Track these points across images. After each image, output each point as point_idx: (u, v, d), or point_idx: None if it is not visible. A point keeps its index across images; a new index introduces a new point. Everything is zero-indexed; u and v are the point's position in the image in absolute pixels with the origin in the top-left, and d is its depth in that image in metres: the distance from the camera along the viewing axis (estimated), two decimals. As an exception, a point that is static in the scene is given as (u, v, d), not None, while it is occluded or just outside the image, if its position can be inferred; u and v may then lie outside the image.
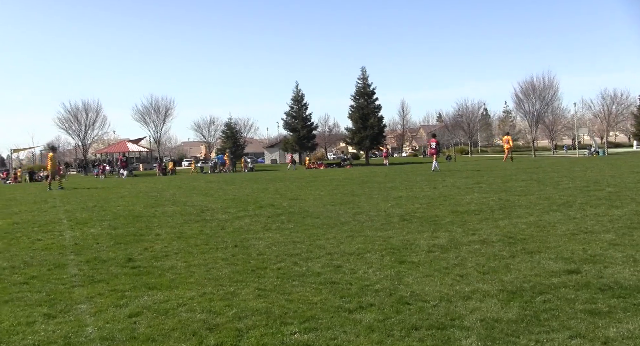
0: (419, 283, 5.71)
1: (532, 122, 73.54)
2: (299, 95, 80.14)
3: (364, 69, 76.81)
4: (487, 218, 9.89)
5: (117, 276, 6.54)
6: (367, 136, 73.75)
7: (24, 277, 6.64)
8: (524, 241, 7.67)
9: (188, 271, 6.64)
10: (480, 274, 5.97)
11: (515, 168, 27.97)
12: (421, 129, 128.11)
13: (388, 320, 4.58)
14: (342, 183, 21.97)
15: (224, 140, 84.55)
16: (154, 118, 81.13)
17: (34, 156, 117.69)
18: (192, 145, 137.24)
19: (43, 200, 19.14)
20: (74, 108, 78.70)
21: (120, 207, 14.85)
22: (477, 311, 4.71)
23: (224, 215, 12.13)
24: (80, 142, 79.97)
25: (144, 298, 5.51)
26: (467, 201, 12.73)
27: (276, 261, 7.03)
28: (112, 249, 8.38)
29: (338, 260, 6.96)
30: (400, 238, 8.34)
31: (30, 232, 10.52)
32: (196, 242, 8.70)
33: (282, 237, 8.91)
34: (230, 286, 5.84)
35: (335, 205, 13.27)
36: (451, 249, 7.35)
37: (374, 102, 76.52)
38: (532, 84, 72.87)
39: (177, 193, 20.00)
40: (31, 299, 5.63)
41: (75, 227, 11.02)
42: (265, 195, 17.37)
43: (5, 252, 8.43)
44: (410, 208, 11.92)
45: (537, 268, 6.13)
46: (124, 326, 4.65)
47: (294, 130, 79.22)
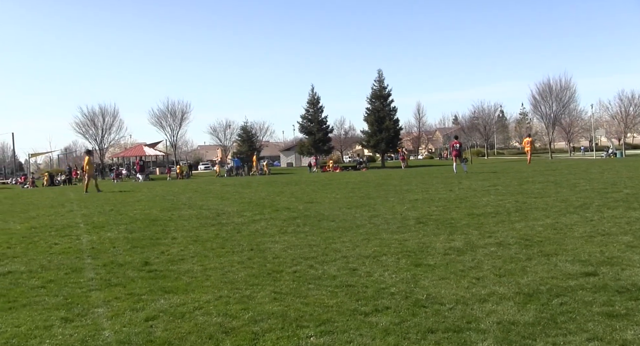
0: (435, 285, 5.69)
1: (548, 123, 73.11)
2: (314, 98, 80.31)
3: (380, 71, 76.94)
4: (503, 221, 9.83)
5: (134, 280, 6.58)
6: (383, 139, 73.74)
7: (42, 281, 6.70)
8: (541, 243, 7.61)
9: (204, 275, 6.67)
10: (496, 277, 5.94)
11: (531, 170, 27.78)
12: (437, 132, 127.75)
13: (404, 323, 4.56)
14: (358, 186, 21.94)
15: (239, 144, 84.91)
16: (170, 122, 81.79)
17: (52, 160, 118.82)
18: (208, 148, 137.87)
19: (60, 204, 19.30)
20: (91, 113, 79.51)
21: (137, 211, 14.94)
22: (494, 314, 4.69)
23: (239, 218, 12.17)
24: (97, 146, 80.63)
25: (161, 301, 5.54)
26: (483, 203, 12.66)
27: (292, 265, 7.04)
28: (129, 253, 8.43)
29: (354, 263, 6.95)
30: (416, 240, 8.32)
31: (48, 236, 10.62)
32: (212, 246, 8.73)
33: (297, 240, 8.92)
34: (246, 290, 5.86)
35: (351, 208, 13.26)
36: (467, 252, 7.31)
37: (390, 104, 76.53)
38: (549, 85, 72.52)
39: (193, 196, 20.08)
40: (49, 303, 5.68)
41: (92, 231, 11.10)
42: (281, 198, 17.38)
43: (23, 256, 8.51)
44: (426, 210, 11.88)
45: (554, 270, 6.09)
46: (141, 329, 4.68)
47: (309, 133, 79.36)
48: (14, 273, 7.22)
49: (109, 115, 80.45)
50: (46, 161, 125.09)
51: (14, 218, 14.49)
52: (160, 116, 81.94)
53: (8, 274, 7.20)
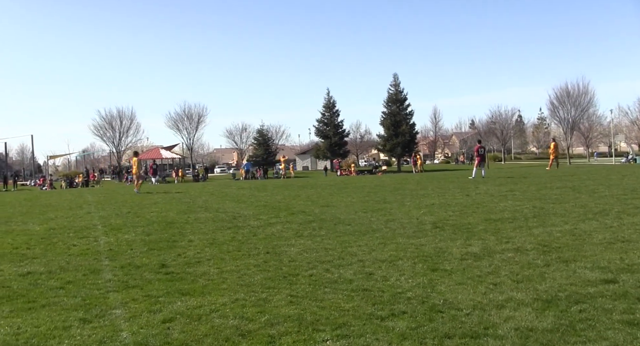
0: (451, 291, 5.67)
1: (567, 129, 72.55)
2: (330, 102, 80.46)
3: (395, 75, 76.94)
4: (521, 226, 9.76)
5: (151, 282, 6.62)
6: (399, 143, 73.64)
7: (61, 282, 6.76)
8: (559, 249, 7.55)
9: (220, 278, 6.69)
10: (514, 282, 5.90)
11: (549, 175, 27.57)
12: (453, 136, 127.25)
13: (421, 328, 4.55)
14: (374, 190, 21.91)
15: (255, 147, 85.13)
16: (186, 126, 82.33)
17: (70, 162, 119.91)
18: (224, 151, 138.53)
19: (78, 206, 19.47)
20: (108, 116, 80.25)
21: (154, 214, 15.02)
22: (511, 320, 4.65)
23: (255, 221, 12.19)
24: (115, 149, 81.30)
25: (178, 303, 5.56)
26: (500, 208, 12.59)
27: (308, 268, 7.04)
28: (146, 255, 8.48)
29: (370, 267, 6.94)
30: (433, 245, 8.29)
31: (66, 238, 10.71)
32: (228, 249, 8.76)
33: (313, 243, 8.92)
34: (263, 293, 5.87)
35: (367, 212, 13.24)
36: (484, 257, 7.27)
37: (406, 108, 76.44)
38: (567, 90, 71.97)
39: (210, 199, 20.16)
40: (67, 304, 5.73)
41: (109, 233, 11.18)
42: (296, 201, 17.40)
43: (42, 257, 8.60)
44: (443, 215, 11.83)
45: (572, 277, 6.03)
46: (158, 331, 4.70)
47: (325, 137, 79.48)
48: (33, 274, 7.30)
49: (127, 118, 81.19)
50: (64, 163, 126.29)
51: (33, 220, 14.65)
52: (177, 119, 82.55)
53: (28, 275, 7.28)
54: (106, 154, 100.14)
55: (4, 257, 8.73)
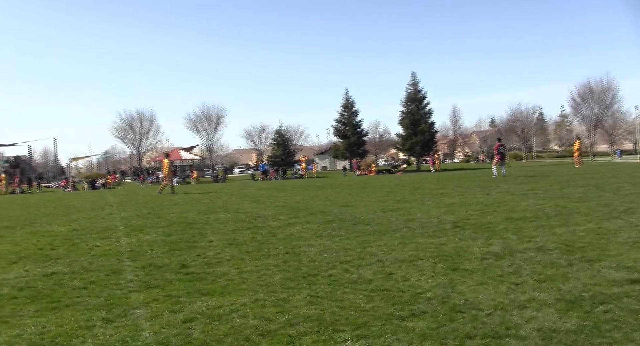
0: (472, 291, 5.61)
1: (590, 126, 71.77)
2: (349, 101, 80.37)
3: (414, 74, 76.77)
4: (543, 225, 9.65)
5: (172, 282, 6.64)
6: (418, 142, 73.34)
7: (83, 282, 6.82)
8: (583, 249, 7.44)
9: (240, 278, 6.70)
10: (536, 282, 5.83)
11: (572, 173, 27.29)
12: (473, 134, 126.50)
13: (441, 328, 4.51)
14: (393, 189, 21.84)
15: (274, 148, 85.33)
16: (205, 127, 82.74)
17: (92, 164, 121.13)
18: (243, 152, 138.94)
19: (100, 207, 19.66)
20: (129, 118, 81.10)
21: (174, 214, 15.11)
22: (534, 320, 4.60)
23: (275, 222, 12.21)
24: (135, 151, 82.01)
25: (198, 303, 5.58)
26: (522, 207, 12.46)
27: (327, 268, 7.02)
28: (167, 255, 8.52)
29: (389, 267, 6.90)
30: (453, 245, 8.22)
31: (89, 238, 10.81)
32: (248, 249, 8.77)
33: (333, 243, 8.91)
34: (282, 293, 5.86)
35: (386, 211, 13.19)
36: (506, 256, 7.20)
37: (425, 107, 76.12)
38: (590, 87, 71.15)
39: (229, 200, 20.23)
40: (90, 303, 5.78)
41: (131, 234, 11.26)
42: (315, 202, 17.40)
43: (66, 258, 8.68)
44: (463, 214, 11.75)
45: (597, 277, 5.94)
46: (179, 331, 4.72)
47: (344, 136, 79.39)
48: (57, 274, 7.37)
49: (147, 120, 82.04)
50: (86, 165, 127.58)
51: (57, 221, 14.82)
52: (196, 120, 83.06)
53: (52, 275, 7.35)
54: (127, 156, 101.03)
55: (28, 258, 8.83)
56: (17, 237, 11.59)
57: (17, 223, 14.67)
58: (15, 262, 8.51)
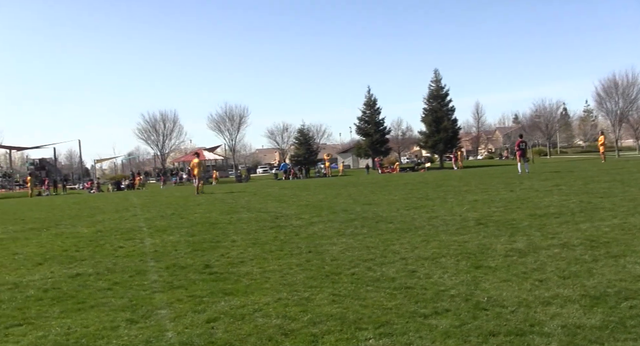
0: (496, 288, 5.58)
1: (614, 121, 70.79)
2: (371, 99, 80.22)
3: (436, 71, 76.33)
4: (567, 221, 9.55)
5: (195, 282, 6.70)
6: (441, 139, 73.01)
7: (108, 283, 6.90)
8: (608, 244, 7.36)
9: (263, 277, 6.73)
10: (560, 279, 5.78)
11: (597, 169, 26.95)
12: (497, 131, 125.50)
13: (464, 325, 4.49)
14: (416, 187, 21.77)
15: (297, 147, 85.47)
16: (228, 127, 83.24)
17: (116, 166, 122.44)
18: (266, 152, 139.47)
19: (124, 209, 19.87)
20: (152, 119, 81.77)
21: (197, 215, 15.22)
22: (558, 317, 4.56)
23: (297, 221, 12.24)
24: (159, 152, 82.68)
25: (221, 303, 5.62)
26: (546, 204, 12.34)
27: (350, 267, 7.03)
28: (190, 256, 8.59)
29: (412, 265, 6.89)
30: (476, 242, 8.18)
31: (113, 240, 10.94)
32: (271, 248, 8.81)
33: (355, 242, 8.91)
34: (305, 292, 5.88)
35: (409, 209, 13.15)
36: (529, 253, 7.14)
37: (448, 104, 75.74)
38: (615, 81, 70.16)
39: (252, 200, 20.32)
40: (115, 304, 5.85)
41: (154, 235, 11.37)
42: (338, 200, 17.41)
43: (91, 259, 8.79)
44: (486, 211, 11.67)
45: (622, 272, 5.87)
46: (202, 331, 4.76)
47: (366, 134, 79.28)
48: (82, 276, 7.47)
49: (169, 121, 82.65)
50: (110, 166, 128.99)
51: (82, 223, 15.01)
52: (219, 121, 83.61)
53: (77, 276, 7.45)
54: (151, 157, 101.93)
55: (54, 259, 8.96)
56: (43, 239, 11.76)
57: (42, 225, 14.89)
58: (41, 264, 8.65)
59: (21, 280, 7.43)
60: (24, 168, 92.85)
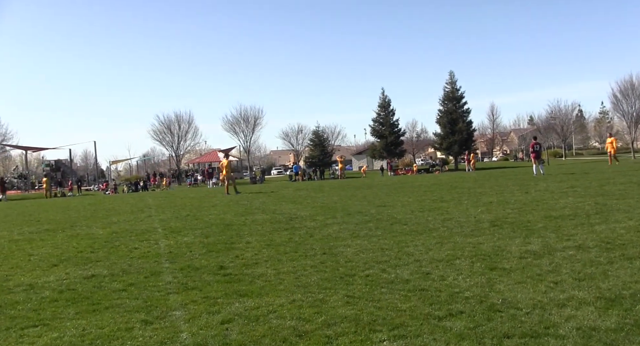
0: (510, 290, 5.56)
1: (631, 122, 70.22)
2: (385, 101, 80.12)
3: (452, 72, 76.10)
4: (582, 223, 9.49)
5: (210, 283, 6.73)
6: (456, 141, 72.77)
7: (123, 284, 6.95)
8: (623, 246, 7.30)
9: (277, 279, 6.75)
10: (575, 281, 5.74)
11: (612, 171, 26.73)
12: (512, 133, 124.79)
13: (479, 327, 4.48)
14: (431, 189, 21.70)
15: (312, 148, 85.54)
16: (243, 128, 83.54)
17: (131, 167, 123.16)
18: (280, 153, 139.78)
19: (139, 210, 19.97)
20: (167, 121, 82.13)
21: (212, 216, 15.27)
22: (573, 319, 4.54)
23: (312, 222, 12.25)
24: (174, 153, 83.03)
25: (236, 305, 5.64)
26: (561, 205, 12.27)
27: (364, 269, 7.03)
28: (205, 257, 8.63)
29: (427, 267, 6.88)
30: (491, 244, 8.15)
31: (128, 241, 11.00)
32: (285, 250, 8.82)
33: (370, 244, 8.90)
34: (319, 294, 5.89)
35: (423, 211, 13.12)
36: (544, 255, 7.11)
37: (463, 106, 75.49)
38: (631, 82, 69.64)
39: (267, 201, 20.36)
40: (129, 305, 5.89)
41: (169, 236, 11.42)
42: (353, 202, 17.40)
43: (106, 260, 8.86)
44: (501, 213, 11.62)
45: (637, 274, 5.83)
46: (217, 332, 4.78)
47: (381, 136, 79.18)
48: (97, 277, 7.53)
49: (184, 123, 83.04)
50: (126, 168, 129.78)
51: (97, 224, 15.11)
52: (234, 122, 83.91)
53: (92, 277, 7.51)
54: (166, 158, 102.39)
55: (69, 261, 9.04)
56: (58, 240, 11.86)
57: (58, 226, 15.01)
58: (56, 265, 8.73)
59: (36, 281, 7.51)
60: (40, 169, 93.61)
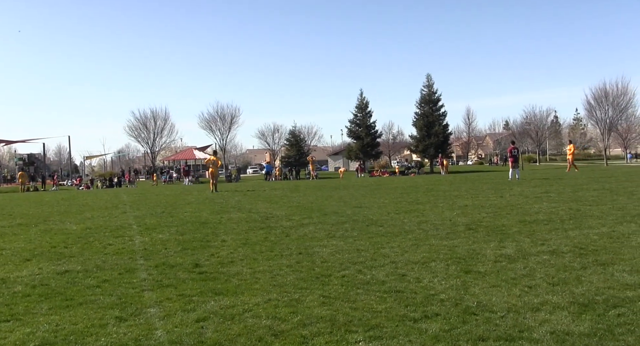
0: (485, 293, 5.61)
1: (604, 129, 71.22)
2: (363, 102, 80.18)
3: (429, 75, 76.33)
4: (556, 228, 9.61)
5: (185, 281, 6.68)
6: (432, 144, 73.06)
7: (97, 281, 6.87)
8: (596, 252, 7.41)
9: (253, 278, 6.73)
10: (549, 285, 5.81)
11: (586, 177, 27.11)
12: (487, 137, 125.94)
13: (454, 330, 4.51)
14: (407, 191, 21.80)
15: (288, 148, 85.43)
16: (219, 126, 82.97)
17: (105, 163, 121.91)
18: (257, 152, 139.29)
19: (114, 206, 19.77)
20: (143, 117, 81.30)
21: (187, 214, 15.18)
22: (547, 323, 4.59)
23: (288, 222, 12.23)
24: (149, 150, 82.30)
25: (211, 303, 5.61)
26: (535, 210, 12.41)
27: (340, 269, 7.03)
28: (180, 254, 8.57)
29: (402, 269, 6.91)
30: (466, 247, 8.21)
31: (102, 237, 10.88)
32: (261, 249, 8.80)
33: (346, 244, 8.91)
34: (295, 293, 5.88)
35: (399, 213, 13.18)
36: (519, 259, 7.18)
37: (439, 109, 75.81)
38: (605, 90, 70.56)
39: (242, 200, 20.29)
40: (103, 302, 5.82)
41: (144, 233, 11.32)
42: (329, 202, 17.41)
43: (79, 256, 8.74)
44: (476, 217, 11.72)
45: (610, 280, 5.92)
46: (192, 330, 4.75)
47: (358, 137, 79.24)
48: (70, 273, 7.43)
49: (161, 119, 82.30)
50: (100, 163, 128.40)
51: (70, 219, 14.92)
52: (210, 120, 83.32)
53: (65, 273, 7.41)
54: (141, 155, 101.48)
55: (42, 256, 8.91)
56: (31, 235, 11.69)
57: (31, 221, 14.79)
58: (29, 260, 8.59)
59: (9, 275, 7.38)
60: (12, 163, 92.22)
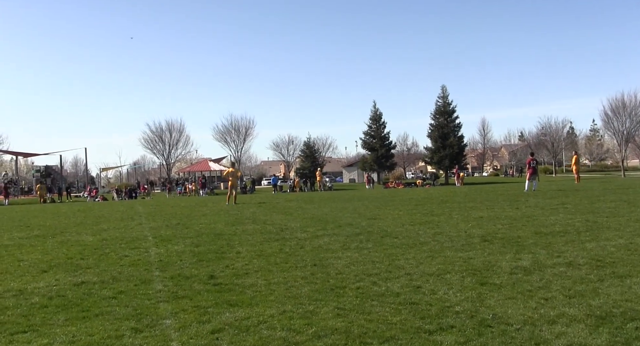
0: (501, 305, 5.57)
1: (621, 140, 70.65)
2: (377, 114, 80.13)
3: (444, 87, 76.26)
4: (573, 240, 9.54)
5: (200, 292, 6.70)
6: (447, 155, 72.83)
7: (113, 292, 6.91)
8: (614, 264, 7.34)
9: (268, 289, 6.73)
10: (566, 298, 5.76)
11: (602, 188, 26.88)
12: (502, 148, 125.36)
13: (469, 342, 4.48)
14: (421, 202, 21.74)
15: (302, 159, 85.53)
16: (234, 138, 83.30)
17: (121, 174, 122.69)
18: (271, 164, 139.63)
19: (129, 217, 19.89)
20: (158, 129, 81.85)
21: (203, 225, 15.23)
22: (563, 336, 4.55)
23: (303, 233, 12.24)
24: (165, 161, 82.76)
25: (226, 314, 5.62)
26: (551, 222, 12.33)
27: (355, 281, 7.02)
28: (195, 266, 8.59)
29: (417, 281, 6.88)
30: (482, 259, 8.17)
31: (118, 248, 10.95)
32: (276, 260, 8.81)
33: (360, 256, 8.90)
34: (310, 305, 5.88)
35: (414, 224, 13.14)
36: (535, 271, 7.13)
37: (454, 120, 75.63)
38: (623, 101, 70.08)
39: (257, 211, 20.33)
40: (119, 313, 5.85)
41: (160, 244, 11.38)
42: (343, 214, 17.40)
43: (95, 267, 8.80)
44: (492, 228, 11.66)
45: (628, 293, 5.86)
46: (207, 342, 4.76)
47: (372, 149, 79.15)
48: (87, 284, 7.48)
49: (176, 131, 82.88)
50: (116, 175, 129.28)
51: (87, 231, 15.03)
52: (225, 132, 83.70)
53: (82, 284, 7.46)
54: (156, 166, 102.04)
55: (59, 267, 8.98)
56: (48, 246, 11.78)
57: (48, 232, 14.92)
58: (46, 271, 8.66)
59: (26, 287, 7.45)
60: (30, 175, 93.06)
